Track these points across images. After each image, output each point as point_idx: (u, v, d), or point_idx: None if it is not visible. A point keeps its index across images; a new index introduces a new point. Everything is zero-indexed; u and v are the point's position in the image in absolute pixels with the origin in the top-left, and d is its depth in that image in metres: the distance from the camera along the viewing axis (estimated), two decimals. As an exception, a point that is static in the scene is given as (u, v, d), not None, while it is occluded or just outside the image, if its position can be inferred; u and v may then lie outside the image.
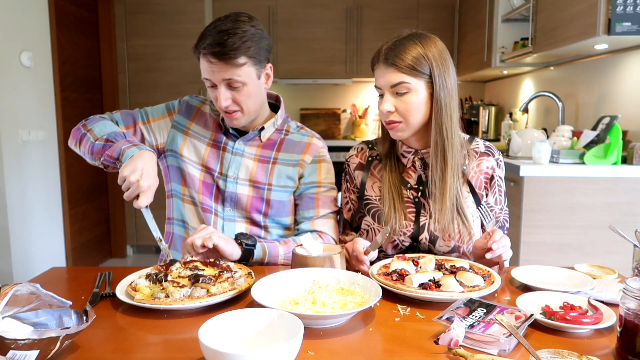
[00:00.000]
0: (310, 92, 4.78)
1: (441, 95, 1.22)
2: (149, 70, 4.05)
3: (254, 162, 1.41)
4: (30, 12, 2.86)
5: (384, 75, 1.23)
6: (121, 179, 1.16)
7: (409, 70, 1.20)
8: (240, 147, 1.41)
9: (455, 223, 1.26)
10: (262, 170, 1.40)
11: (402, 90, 1.22)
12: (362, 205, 1.38)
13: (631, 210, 2.24)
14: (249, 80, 1.30)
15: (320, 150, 1.45)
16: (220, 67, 1.26)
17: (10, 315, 0.77)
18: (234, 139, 1.42)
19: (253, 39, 1.28)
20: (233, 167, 1.40)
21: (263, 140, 1.42)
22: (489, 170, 1.34)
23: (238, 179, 1.40)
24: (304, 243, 1.13)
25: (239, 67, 1.26)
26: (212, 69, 1.27)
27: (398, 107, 1.23)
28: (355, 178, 1.41)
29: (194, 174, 1.41)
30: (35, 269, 2.82)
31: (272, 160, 1.41)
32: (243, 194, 1.40)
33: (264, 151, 1.42)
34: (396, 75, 1.21)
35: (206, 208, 1.40)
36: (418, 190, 1.32)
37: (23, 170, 2.78)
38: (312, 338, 0.84)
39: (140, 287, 1.00)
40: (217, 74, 1.27)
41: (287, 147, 1.43)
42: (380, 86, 1.25)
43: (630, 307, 0.76)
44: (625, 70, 2.55)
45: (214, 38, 1.25)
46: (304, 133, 1.48)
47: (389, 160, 1.35)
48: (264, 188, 1.40)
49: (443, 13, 4.33)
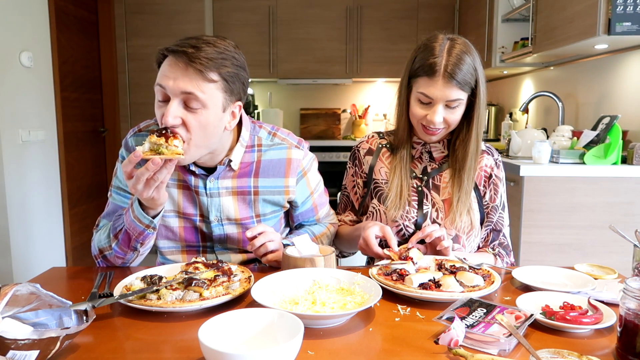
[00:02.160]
0: (310, 92, 4.78)
1: (480, 109, 1.31)
2: (149, 70, 4.04)
3: (234, 198, 1.26)
4: (30, 12, 2.86)
5: (442, 89, 1.24)
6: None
7: (466, 89, 1.26)
8: (213, 185, 1.24)
9: (465, 219, 1.34)
10: (245, 206, 1.27)
11: (455, 105, 1.27)
12: (370, 188, 1.43)
13: (631, 210, 2.24)
14: (211, 104, 1.08)
15: (302, 163, 1.30)
16: (184, 73, 1.05)
17: (10, 315, 0.77)
18: (203, 178, 1.23)
19: (233, 61, 1.10)
20: (213, 210, 1.26)
21: (236, 169, 1.25)
22: (487, 168, 1.41)
23: (223, 221, 1.27)
24: (296, 243, 1.13)
25: (206, 82, 1.06)
26: (174, 74, 1.05)
27: (447, 118, 1.28)
28: (364, 163, 1.46)
29: (172, 226, 1.28)
30: (35, 269, 2.82)
31: (253, 191, 1.27)
32: (232, 233, 1.29)
33: (241, 181, 1.26)
34: (457, 92, 1.25)
35: (192, 250, 1.31)
36: (422, 180, 1.39)
37: (23, 170, 2.78)
38: (312, 338, 0.84)
39: (134, 288, 1.00)
40: (177, 81, 1.05)
41: (265, 170, 1.27)
42: (436, 97, 1.25)
43: (630, 307, 0.76)
44: (625, 70, 2.55)
45: (190, 41, 1.07)
46: (279, 146, 1.29)
47: (402, 149, 1.40)
48: (253, 222, 1.29)
49: (443, 13, 4.33)
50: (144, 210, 1.12)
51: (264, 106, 4.74)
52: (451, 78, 1.23)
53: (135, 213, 1.12)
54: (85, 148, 3.72)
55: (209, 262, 1.11)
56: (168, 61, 1.08)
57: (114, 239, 1.18)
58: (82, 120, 3.66)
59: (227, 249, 1.32)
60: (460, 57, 1.24)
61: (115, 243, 1.18)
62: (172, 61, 1.07)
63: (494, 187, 1.41)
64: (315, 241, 1.30)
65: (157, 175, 1.03)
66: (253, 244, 1.17)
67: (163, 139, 1.02)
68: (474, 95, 1.29)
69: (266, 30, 4.32)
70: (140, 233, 1.14)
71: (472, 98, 1.30)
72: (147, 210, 1.13)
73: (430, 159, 1.41)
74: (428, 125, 1.30)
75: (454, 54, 1.24)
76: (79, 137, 3.59)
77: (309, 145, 1.38)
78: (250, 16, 4.29)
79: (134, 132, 1.29)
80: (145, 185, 1.03)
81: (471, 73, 1.25)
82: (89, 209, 3.74)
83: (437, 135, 1.33)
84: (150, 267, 1.19)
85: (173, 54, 1.07)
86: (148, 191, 1.04)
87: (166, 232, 1.29)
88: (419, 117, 1.31)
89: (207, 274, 1.05)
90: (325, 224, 1.45)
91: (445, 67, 1.23)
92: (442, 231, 1.22)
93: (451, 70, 1.22)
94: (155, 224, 1.14)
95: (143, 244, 1.18)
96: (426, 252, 1.27)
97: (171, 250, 1.32)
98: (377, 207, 1.40)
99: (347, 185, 1.51)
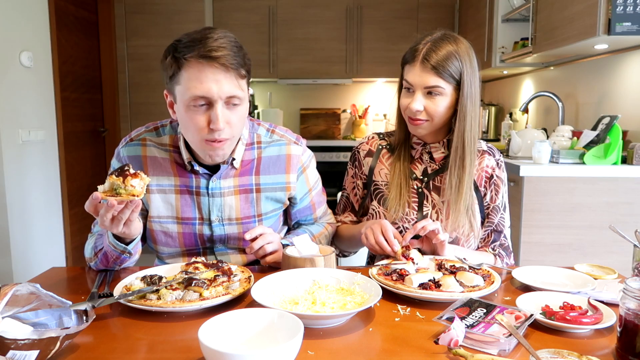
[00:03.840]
0: (310, 92, 4.78)
1: (467, 103, 1.27)
2: (149, 70, 4.04)
3: (236, 197, 1.26)
4: (30, 12, 2.85)
5: (420, 75, 1.26)
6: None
7: (445, 76, 1.25)
8: (216, 185, 1.24)
9: (465, 221, 1.32)
10: (247, 203, 1.27)
11: (435, 93, 1.26)
12: (370, 190, 1.43)
13: (631, 210, 2.24)
14: (245, 97, 1.13)
15: (302, 159, 1.32)
16: (223, 77, 1.07)
17: (10, 315, 0.77)
18: (206, 177, 1.24)
19: (245, 52, 1.14)
20: (215, 210, 1.25)
21: (238, 167, 1.25)
22: (488, 169, 1.39)
23: (224, 221, 1.27)
24: (296, 243, 1.13)
25: (242, 79, 1.11)
26: (215, 80, 1.06)
27: (427, 107, 1.28)
28: (364, 165, 1.45)
29: (171, 231, 1.27)
30: (35, 269, 2.82)
31: (255, 189, 1.27)
32: (233, 233, 1.28)
33: (243, 179, 1.26)
34: (433, 79, 1.25)
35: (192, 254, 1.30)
36: (422, 182, 1.38)
37: (23, 170, 2.78)
38: (312, 338, 0.84)
39: (134, 288, 1.00)
40: (221, 86, 1.06)
41: (266, 167, 1.28)
42: (414, 84, 1.28)
43: (630, 307, 0.76)
44: (625, 70, 2.55)
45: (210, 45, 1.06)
46: (278, 142, 1.30)
47: (402, 149, 1.40)
48: (254, 221, 1.29)
49: (443, 13, 4.33)
50: (118, 239, 1.12)
51: (264, 106, 4.74)
52: (427, 62, 1.24)
53: (110, 240, 1.12)
54: (85, 148, 3.72)
55: (209, 262, 1.11)
56: (200, 68, 1.06)
57: (95, 257, 1.20)
58: (82, 120, 3.66)
59: (228, 249, 1.32)
60: (440, 45, 1.25)
61: (96, 260, 1.19)
62: (207, 67, 1.06)
63: (495, 188, 1.39)
64: (313, 241, 1.30)
65: (120, 215, 1.01)
66: (252, 246, 1.16)
67: (121, 179, 0.98)
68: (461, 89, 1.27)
69: (266, 30, 4.32)
70: (117, 257, 1.15)
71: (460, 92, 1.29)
72: (121, 239, 1.13)
73: (430, 159, 1.39)
74: (410, 115, 1.30)
75: (436, 43, 1.26)
76: (79, 137, 3.59)
77: (309, 145, 1.39)
78: (250, 16, 4.29)
79: (126, 142, 1.28)
80: (112, 222, 1.03)
81: (453, 63, 1.24)
82: (89, 209, 3.74)
83: (423, 127, 1.31)
84: (150, 267, 1.20)
85: (207, 60, 1.06)
86: (117, 228, 1.04)
87: (165, 238, 1.28)
88: (404, 107, 1.32)
89: (207, 274, 1.05)
90: (323, 224, 1.45)
91: (424, 53, 1.25)
92: (436, 224, 1.20)
93: (428, 55, 1.25)
94: (131, 250, 1.14)
95: (122, 265, 1.19)
96: (422, 245, 1.26)
97: (171, 255, 1.32)
98: (377, 209, 1.40)
99: (346, 186, 1.51)
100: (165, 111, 1.35)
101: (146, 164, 1.25)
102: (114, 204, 0.97)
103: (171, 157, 1.25)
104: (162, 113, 1.40)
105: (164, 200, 1.25)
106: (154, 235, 1.29)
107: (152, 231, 1.28)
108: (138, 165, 1.24)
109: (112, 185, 0.99)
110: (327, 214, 1.49)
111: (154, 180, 1.24)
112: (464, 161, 1.30)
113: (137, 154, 1.25)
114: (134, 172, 1.00)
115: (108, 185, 1.00)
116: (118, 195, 0.98)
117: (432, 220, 1.23)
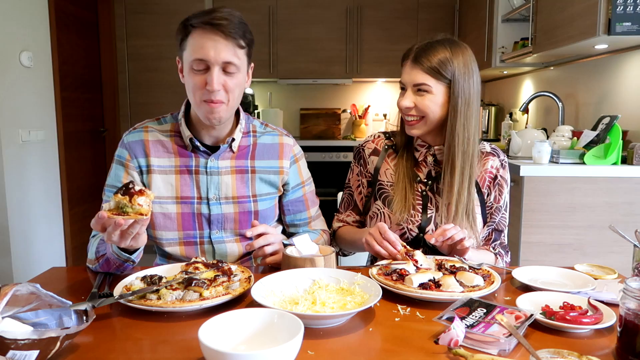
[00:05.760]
0: (310, 92, 4.78)
1: (458, 102, 1.27)
2: (149, 70, 4.04)
3: (232, 177, 1.33)
4: (30, 12, 2.86)
5: (409, 73, 1.29)
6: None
7: (433, 73, 1.26)
8: (214, 164, 1.31)
9: (465, 224, 1.31)
10: (243, 183, 1.34)
11: (423, 90, 1.28)
12: (375, 189, 1.43)
13: (631, 210, 2.24)
14: (242, 67, 1.24)
15: (294, 149, 1.42)
16: (222, 44, 1.17)
17: (10, 315, 0.77)
18: (205, 156, 1.31)
19: (249, 28, 1.24)
20: (212, 188, 1.31)
21: (235, 151, 1.34)
22: (493, 170, 1.40)
23: (221, 199, 1.32)
24: (297, 243, 1.14)
25: (239, 48, 1.21)
26: (214, 46, 1.17)
27: (417, 104, 1.29)
28: (369, 163, 1.45)
29: (170, 212, 1.30)
30: (35, 269, 2.82)
31: (250, 170, 1.35)
32: (229, 212, 1.33)
33: (239, 161, 1.34)
34: (421, 76, 1.27)
35: (190, 242, 1.33)
36: (427, 185, 1.38)
37: (23, 170, 2.78)
38: (312, 338, 0.84)
39: (134, 288, 1.00)
40: (219, 51, 1.17)
41: (261, 152, 1.36)
42: (405, 82, 1.32)
43: (630, 307, 0.76)
44: (625, 70, 2.55)
45: (215, 14, 1.18)
46: (271, 132, 1.41)
47: (405, 151, 1.41)
48: (249, 201, 1.34)
49: (443, 13, 4.33)
50: (123, 249, 1.11)
51: (264, 106, 4.74)
52: (416, 61, 1.27)
53: (114, 249, 1.11)
54: (85, 148, 3.72)
55: (209, 262, 1.11)
56: (203, 33, 1.18)
57: (96, 261, 1.19)
58: (82, 120, 3.66)
59: (225, 237, 1.34)
60: (433, 46, 1.28)
61: (98, 264, 1.19)
62: (209, 34, 1.17)
63: (499, 188, 1.40)
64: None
65: (130, 230, 1.00)
66: (252, 245, 1.17)
67: (127, 197, 0.97)
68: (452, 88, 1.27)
69: (266, 30, 4.32)
70: (120, 264, 1.14)
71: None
72: (125, 249, 1.11)
73: (434, 162, 1.39)
74: (402, 113, 1.33)
75: (430, 44, 1.28)
76: (78, 137, 3.59)
77: (308, 145, 1.40)
78: (250, 16, 4.27)
79: (129, 131, 1.35)
80: (120, 237, 1.01)
81: (443, 62, 1.25)
82: (89, 209, 3.74)
83: (416, 127, 1.32)
84: (150, 267, 1.20)
85: (210, 27, 1.17)
86: (125, 242, 1.02)
87: (164, 220, 1.31)
88: (398, 107, 1.35)
89: (207, 274, 1.05)
90: (318, 231, 1.46)
91: (415, 52, 1.28)
92: (464, 233, 1.18)
93: (418, 54, 1.28)
94: (134, 259, 1.14)
95: (124, 272, 1.18)
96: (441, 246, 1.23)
97: (169, 242, 1.34)
98: (381, 209, 1.40)
99: (351, 184, 1.50)
100: (165, 111, 1.41)
101: (148, 147, 1.31)
102: (122, 223, 0.97)
103: (172, 140, 1.33)
104: (162, 113, 1.42)
105: (165, 180, 1.30)
106: (153, 219, 1.31)
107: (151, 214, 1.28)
108: (141, 150, 1.30)
109: (117, 204, 0.98)
110: (321, 220, 1.50)
111: (155, 161, 1.30)
112: (454, 162, 1.29)
113: (140, 139, 1.32)
114: (138, 190, 0.99)
115: (114, 204, 0.98)
116: (125, 214, 0.97)
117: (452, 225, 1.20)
